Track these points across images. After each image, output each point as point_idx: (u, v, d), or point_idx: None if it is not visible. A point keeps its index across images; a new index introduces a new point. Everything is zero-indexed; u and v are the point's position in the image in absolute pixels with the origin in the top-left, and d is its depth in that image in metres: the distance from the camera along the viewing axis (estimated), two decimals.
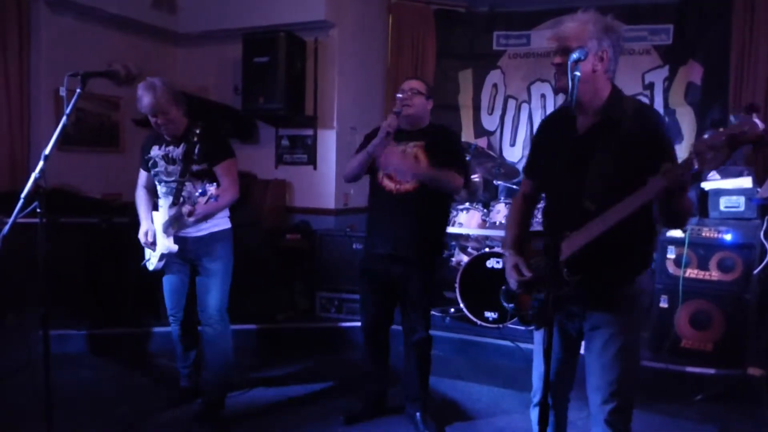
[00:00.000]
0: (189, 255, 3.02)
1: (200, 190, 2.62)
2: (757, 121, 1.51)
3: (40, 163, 1.97)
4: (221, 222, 3.07)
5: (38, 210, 1.97)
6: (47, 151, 1.99)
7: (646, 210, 1.77)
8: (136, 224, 3.13)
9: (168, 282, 3.17)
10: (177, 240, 2.94)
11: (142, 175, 3.19)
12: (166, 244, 2.93)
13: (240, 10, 5.30)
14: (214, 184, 2.71)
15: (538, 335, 2.13)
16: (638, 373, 2.02)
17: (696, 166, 1.58)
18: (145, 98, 2.81)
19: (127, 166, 5.25)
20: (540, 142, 2.22)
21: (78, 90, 2.09)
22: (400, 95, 2.91)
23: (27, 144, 4.60)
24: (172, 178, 2.96)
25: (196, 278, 3.08)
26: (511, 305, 2.22)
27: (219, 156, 2.96)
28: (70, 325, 4.09)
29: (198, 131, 2.91)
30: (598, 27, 1.89)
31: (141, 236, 3.06)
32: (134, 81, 2.42)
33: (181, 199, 2.85)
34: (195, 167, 2.91)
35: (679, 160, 1.69)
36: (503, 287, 2.26)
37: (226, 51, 5.45)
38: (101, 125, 5.15)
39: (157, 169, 3.01)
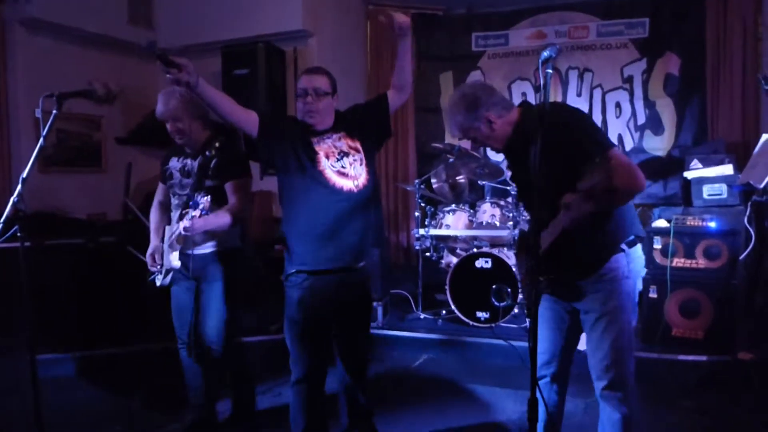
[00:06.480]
0: (193, 273, 2.85)
1: (191, 203, 2.49)
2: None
3: (18, 187, 1.96)
4: (229, 240, 2.88)
5: (19, 234, 1.96)
6: (24, 174, 1.99)
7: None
8: (123, 243, 3.09)
9: (174, 300, 2.99)
10: (182, 256, 2.80)
11: (160, 188, 3.06)
12: (170, 260, 2.80)
13: (218, 24, 5.31)
14: (208, 196, 2.50)
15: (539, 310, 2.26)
16: (629, 353, 2.10)
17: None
18: (159, 104, 2.74)
19: (111, 185, 5.25)
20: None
21: (54, 111, 2.09)
22: (302, 101, 2.49)
23: (8, 167, 4.58)
24: (185, 191, 2.84)
25: (200, 299, 2.91)
26: (502, 303, 2.30)
27: (231, 173, 2.81)
28: (59, 348, 4.05)
29: (217, 144, 2.81)
30: (464, 113, 2.16)
31: (148, 256, 2.94)
32: (115, 99, 2.40)
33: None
34: (208, 182, 2.80)
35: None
36: (494, 286, 2.32)
37: (205, 65, 5.43)
38: (83, 145, 5.13)
39: (172, 181, 2.90)
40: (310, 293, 2.51)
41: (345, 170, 2.50)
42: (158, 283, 2.94)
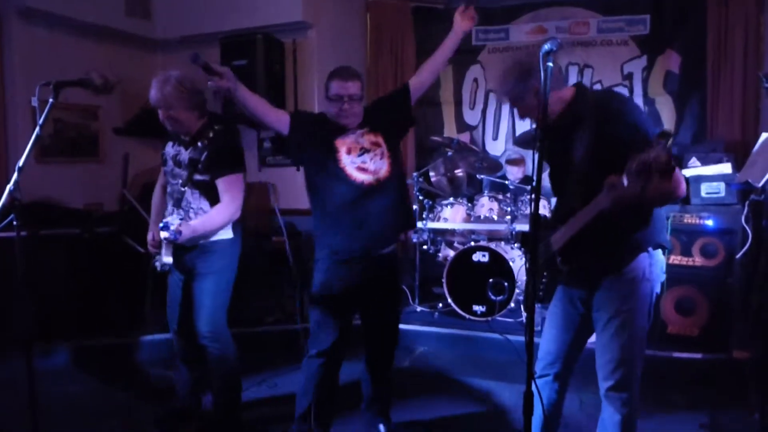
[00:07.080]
0: (184, 265, 2.86)
1: (162, 224, 2.51)
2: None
3: (14, 176, 1.95)
4: (222, 231, 2.83)
5: (15, 223, 1.95)
6: (20, 162, 1.97)
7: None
8: (119, 233, 3.06)
9: (169, 290, 3.01)
10: (175, 249, 2.73)
11: (162, 172, 3.03)
12: (162, 255, 2.73)
13: (216, 14, 5.27)
14: (178, 220, 2.56)
15: (549, 309, 2.28)
16: (639, 356, 2.09)
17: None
18: (153, 89, 2.68)
19: (108, 175, 5.23)
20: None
21: (51, 100, 2.07)
22: (337, 107, 2.61)
23: (5, 157, 4.55)
24: (177, 181, 2.80)
25: (191, 292, 2.89)
26: (499, 298, 2.28)
27: (222, 168, 2.73)
28: (54, 338, 4.04)
29: (211, 135, 2.70)
30: (515, 81, 2.04)
31: (148, 242, 2.96)
32: (113, 89, 2.38)
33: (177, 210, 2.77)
34: (198, 177, 2.73)
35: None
36: (491, 280, 2.31)
37: (204, 56, 5.40)
38: (80, 135, 5.09)
39: (165, 168, 2.90)
40: (336, 275, 2.67)
41: (365, 165, 2.64)
42: (158, 268, 2.89)
